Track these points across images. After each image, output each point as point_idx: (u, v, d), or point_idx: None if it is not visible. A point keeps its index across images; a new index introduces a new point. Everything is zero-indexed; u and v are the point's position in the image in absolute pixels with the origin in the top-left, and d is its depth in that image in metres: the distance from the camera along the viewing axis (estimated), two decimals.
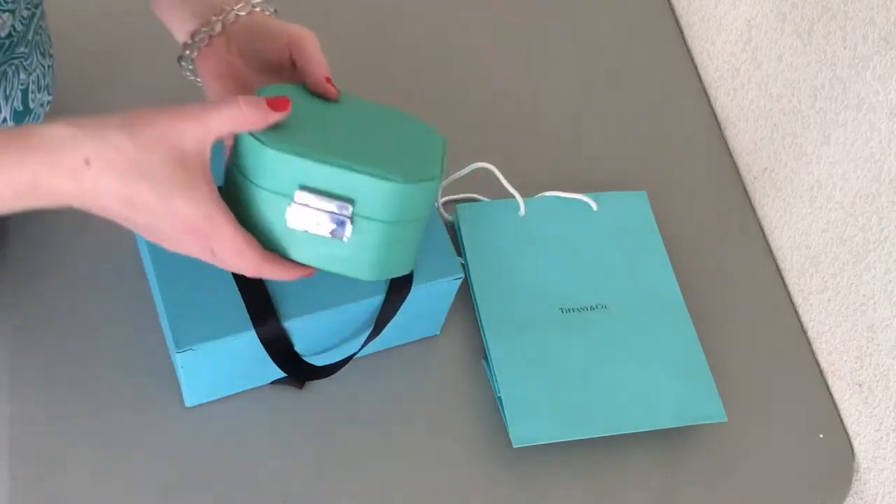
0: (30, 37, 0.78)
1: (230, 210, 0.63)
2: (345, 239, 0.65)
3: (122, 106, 0.96)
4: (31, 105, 0.82)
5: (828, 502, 0.91)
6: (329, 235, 0.65)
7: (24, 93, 0.80)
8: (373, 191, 0.63)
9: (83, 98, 0.97)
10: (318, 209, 0.64)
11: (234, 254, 0.63)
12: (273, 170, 0.63)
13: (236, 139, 0.65)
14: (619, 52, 1.15)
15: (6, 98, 0.78)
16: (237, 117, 0.60)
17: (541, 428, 0.85)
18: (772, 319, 1.00)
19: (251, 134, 0.63)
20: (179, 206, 0.59)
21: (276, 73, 0.73)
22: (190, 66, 0.75)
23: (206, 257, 0.64)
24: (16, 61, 0.78)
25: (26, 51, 0.79)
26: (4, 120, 0.79)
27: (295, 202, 0.63)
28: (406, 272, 0.71)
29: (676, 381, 0.89)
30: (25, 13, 0.76)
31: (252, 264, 0.64)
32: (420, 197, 0.66)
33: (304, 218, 0.64)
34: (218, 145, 0.63)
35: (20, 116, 0.81)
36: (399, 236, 0.67)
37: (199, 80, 0.75)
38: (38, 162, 0.55)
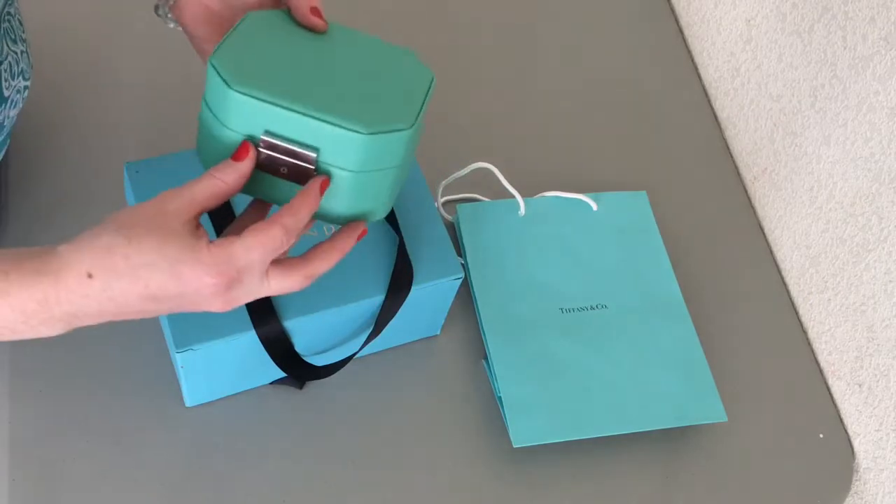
0: None
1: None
2: None
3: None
4: (6, 93, 0.81)
5: (828, 502, 0.91)
6: (295, 182, 0.63)
7: None
8: (336, 140, 0.61)
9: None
10: (281, 155, 0.62)
11: (263, 251, 0.59)
12: (237, 111, 0.60)
13: (208, 72, 0.61)
14: (620, 52, 1.15)
15: None
16: (215, 185, 0.59)
17: (541, 428, 0.85)
18: (772, 319, 1.00)
19: (216, 70, 0.60)
20: (190, 275, 0.57)
21: (258, 8, 0.70)
22: (169, 15, 0.73)
23: (260, 290, 0.61)
24: None
25: None
26: None
27: (260, 147, 0.61)
28: (381, 217, 0.67)
29: (676, 381, 0.89)
30: None
31: (279, 232, 0.59)
32: (389, 147, 0.63)
33: (269, 163, 0.62)
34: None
35: None
36: (368, 184, 0.64)
37: (181, 28, 0.73)
38: (45, 285, 0.56)
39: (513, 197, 0.96)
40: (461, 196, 0.98)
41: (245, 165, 0.60)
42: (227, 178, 0.60)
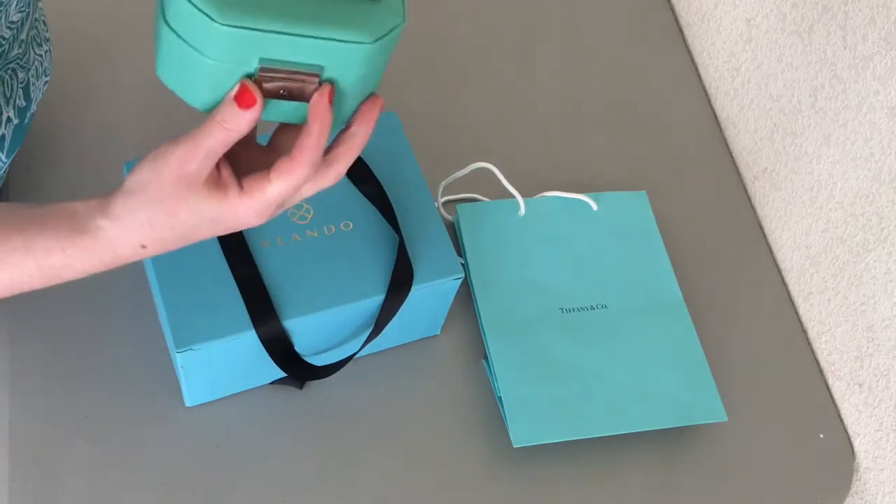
0: (23, 36, 0.78)
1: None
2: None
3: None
4: (32, 95, 0.82)
5: (828, 502, 0.91)
6: (298, 99, 0.58)
7: (25, 88, 0.80)
8: (340, 55, 0.57)
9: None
10: (283, 79, 0.56)
11: (294, 186, 0.58)
12: (226, 45, 0.54)
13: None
14: (619, 52, 1.15)
15: (7, 100, 0.78)
16: (227, 136, 0.57)
17: (541, 428, 0.85)
18: (772, 319, 1.00)
19: (191, 2, 0.52)
20: (233, 221, 0.60)
21: None
22: None
23: (293, 202, 0.62)
24: (11, 65, 0.77)
25: (21, 51, 0.78)
26: (9, 119, 0.79)
27: (257, 75, 0.55)
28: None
29: (676, 381, 0.89)
30: (15, 17, 0.75)
31: (306, 170, 0.58)
32: (390, 45, 0.59)
33: (269, 89, 0.57)
34: None
35: (23, 111, 0.81)
36: (369, 79, 0.60)
37: None
38: (104, 256, 0.60)
39: (513, 197, 0.96)
40: (461, 196, 0.98)
41: (254, 113, 0.57)
42: (238, 126, 0.57)
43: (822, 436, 0.94)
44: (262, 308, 0.76)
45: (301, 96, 0.58)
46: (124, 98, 0.98)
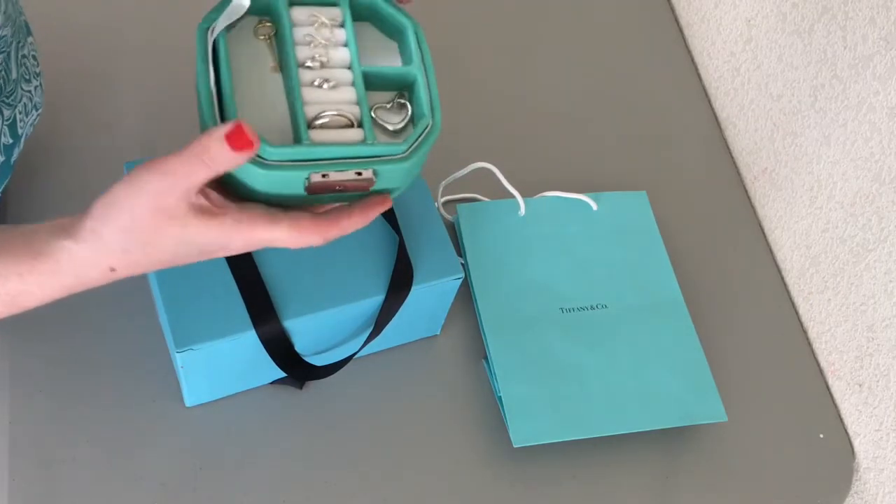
0: (14, 76, 0.77)
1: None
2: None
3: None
4: (20, 132, 0.81)
5: (828, 502, 0.91)
6: (353, 192, 0.60)
7: (12, 126, 0.79)
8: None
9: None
10: (336, 180, 0.58)
11: (293, 244, 0.58)
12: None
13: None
14: (619, 52, 1.15)
15: None
16: (210, 172, 0.54)
17: (541, 428, 0.85)
18: (772, 319, 1.00)
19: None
20: (216, 247, 0.57)
21: None
22: None
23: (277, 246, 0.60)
24: None
25: (9, 88, 0.77)
26: None
27: (311, 180, 0.57)
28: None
29: (676, 381, 0.89)
30: None
31: (317, 240, 0.58)
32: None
33: (324, 186, 0.58)
34: None
35: (10, 148, 0.80)
36: (411, 176, 0.63)
37: None
38: (68, 281, 0.57)
39: (513, 197, 0.96)
40: (461, 196, 0.98)
41: (246, 156, 0.53)
42: (224, 166, 0.54)
43: (822, 436, 0.94)
44: (262, 308, 0.76)
45: (357, 190, 0.59)
46: (124, 99, 0.98)
